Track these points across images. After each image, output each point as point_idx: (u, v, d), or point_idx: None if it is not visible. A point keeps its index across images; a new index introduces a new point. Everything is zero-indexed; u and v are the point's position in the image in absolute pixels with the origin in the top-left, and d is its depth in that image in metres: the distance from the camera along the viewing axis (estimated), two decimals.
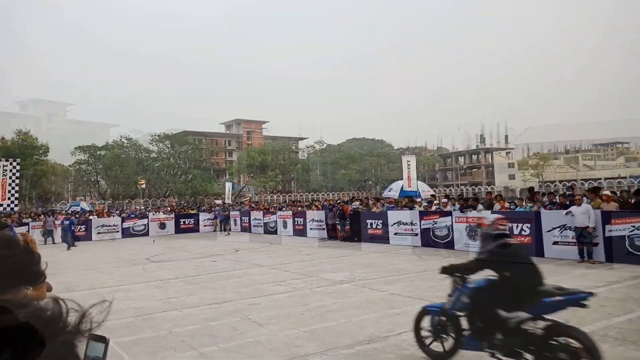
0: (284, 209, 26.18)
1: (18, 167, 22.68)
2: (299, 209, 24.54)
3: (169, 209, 33.27)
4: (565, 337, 4.09)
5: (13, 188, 22.03)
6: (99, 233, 25.76)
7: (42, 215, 27.25)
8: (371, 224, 18.29)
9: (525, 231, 12.89)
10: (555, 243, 12.25)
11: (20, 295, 0.92)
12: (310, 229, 21.69)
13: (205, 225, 28.80)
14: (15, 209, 23.28)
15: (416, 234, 16.25)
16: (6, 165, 22.02)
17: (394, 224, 17.21)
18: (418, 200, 19.03)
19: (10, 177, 21.82)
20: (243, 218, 27.77)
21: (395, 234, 17.11)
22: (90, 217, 28.16)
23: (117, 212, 32.89)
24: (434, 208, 17.28)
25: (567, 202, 12.71)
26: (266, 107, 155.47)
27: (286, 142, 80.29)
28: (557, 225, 12.22)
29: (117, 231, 26.33)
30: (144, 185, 45.18)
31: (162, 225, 27.70)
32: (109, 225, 26.55)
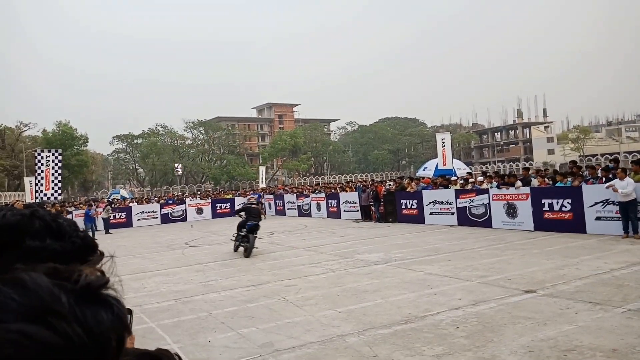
0: (317, 191, 26.25)
1: (60, 158, 23.49)
2: (332, 191, 24.56)
3: (204, 194, 33.89)
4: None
5: (56, 178, 22.86)
6: (139, 219, 26.52)
7: (85, 204, 28.23)
8: (406, 204, 18.13)
9: (565, 207, 12.50)
10: (597, 218, 11.85)
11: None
12: (344, 210, 21.70)
13: None
14: (59, 198, 24.18)
15: (452, 213, 16.02)
16: (49, 157, 22.84)
17: (429, 203, 17.01)
18: (453, 178, 18.72)
19: (53, 168, 22.63)
20: (277, 201, 28.04)
21: (431, 213, 16.92)
22: (130, 204, 29.01)
23: (156, 198, 33.72)
24: (469, 186, 16.96)
25: (610, 176, 12.24)
26: (297, 89, 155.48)
27: (317, 124, 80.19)
28: (599, 200, 11.80)
29: (156, 217, 27.04)
30: (180, 172, 46.12)
31: (200, 211, 28.29)
32: (148, 212, 27.28)
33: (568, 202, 12.46)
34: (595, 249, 9.94)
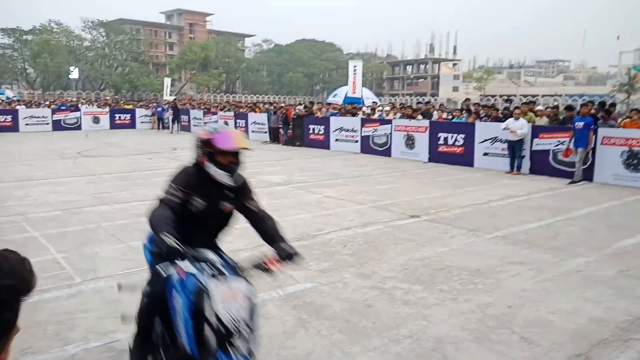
0: (225, 109, 25.55)
1: None
2: (241, 110, 24.05)
3: (102, 102, 31.65)
4: None
5: None
6: (27, 124, 24.31)
7: None
8: (313, 129, 18.29)
9: (458, 142, 13.36)
10: (485, 154, 12.82)
11: None
12: (253, 131, 21.44)
13: (142, 122, 27.83)
14: None
15: (356, 141, 16.47)
16: None
17: (336, 130, 17.30)
18: (361, 107, 19.08)
19: None
20: (182, 117, 26.94)
21: (336, 140, 17.26)
22: (17, 107, 26.37)
23: (47, 103, 30.89)
24: (376, 116, 17.44)
25: (501, 116, 13.16)
26: None
27: (232, 38, 76.45)
28: (488, 137, 12.72)
29: (47, 123, 24.95)
30: (76, 76, 42.24)
31: (96, 120, 26.49)
32: (38, 117, 25.04)
33: (461, 137, 13.30)
34: (479, 182, 10.83)
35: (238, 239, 6.00)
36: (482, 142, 12.88)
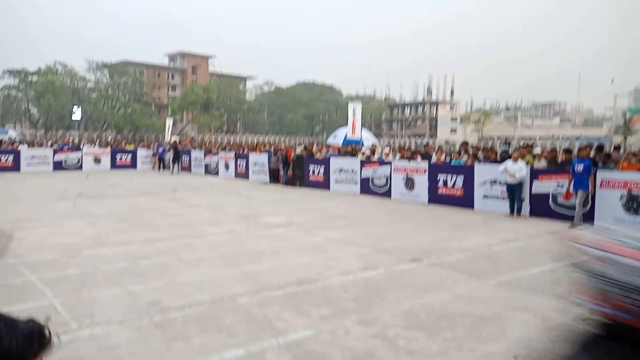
0: (226, 149, 25.76)
1: None
2: (242, 151, 24.25)
3: (104, 143, 31.93)
4: None
5: None
6: (28, 165, 24.42)
7: None
8: (313, 170, 18.37)
9: (458, 184, 13.40)
10: (485, 197, 12.82)
11: None
12: (253, 172, 21.54)
13: (143, 163, 27.97)
14: None
15: (356, 182, 16.51)
16: None
17: (336, 171, 17.38)
18: (362, 149, 19.21)
19: None
20: (183, 157, 27.12)
21: (336, 181, 17.31)
22: (20, 147, 26.60)
23: (49, 143, 31.18)
24: (376, 157, 17.57)
25: (499, 159, 13.24)
26: (213, 40, 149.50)
27: (233, 80, 77.92)
28: (488, 179, 12.75)
29: (49, 164, 25.07)
30: (78, 117, 42.71)
31: (97, 160, 26.62)
32: (40, 157, 25.19)
33: (461, 179, 13.35)
34: (479, 224, 10.78)
35: (236, 283, 5.93)
36: (481, 184, 12.91)
